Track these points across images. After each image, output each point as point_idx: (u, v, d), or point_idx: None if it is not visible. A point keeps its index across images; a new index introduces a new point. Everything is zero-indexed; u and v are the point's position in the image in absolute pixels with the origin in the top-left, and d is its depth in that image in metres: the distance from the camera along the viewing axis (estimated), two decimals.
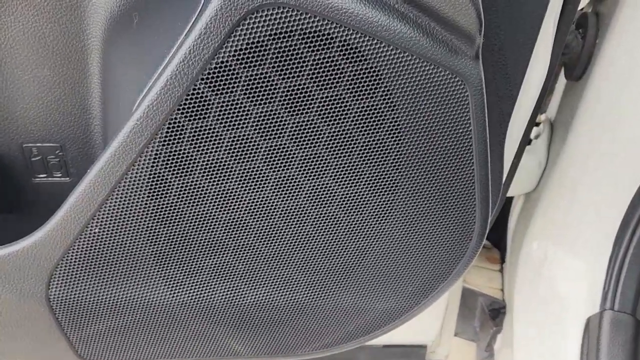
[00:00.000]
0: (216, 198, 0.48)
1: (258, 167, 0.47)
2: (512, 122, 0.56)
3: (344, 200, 0.50)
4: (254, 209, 0.50)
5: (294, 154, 0.47)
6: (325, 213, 0.51)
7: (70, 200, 0.48)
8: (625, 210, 0.69)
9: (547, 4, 0.50)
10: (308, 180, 0.48)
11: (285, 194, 0.49)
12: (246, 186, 0.48)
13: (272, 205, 0.50)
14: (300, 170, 0.48)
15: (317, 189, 0.49)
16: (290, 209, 0.50)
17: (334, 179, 0.49)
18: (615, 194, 0.71)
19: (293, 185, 0.49)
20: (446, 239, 0.54)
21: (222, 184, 0.48)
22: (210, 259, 0.53)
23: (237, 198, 0.49)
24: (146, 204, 0.48)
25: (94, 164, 0.46)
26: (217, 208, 0.49)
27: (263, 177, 0.48)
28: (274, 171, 0.47)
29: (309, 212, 0.51)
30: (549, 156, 0.87)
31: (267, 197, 0.49)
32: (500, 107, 0.54)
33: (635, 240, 0.69)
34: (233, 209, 0.49)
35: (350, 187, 0.49)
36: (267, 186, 0.48)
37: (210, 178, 0.47)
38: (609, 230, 0.71)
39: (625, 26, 0.67)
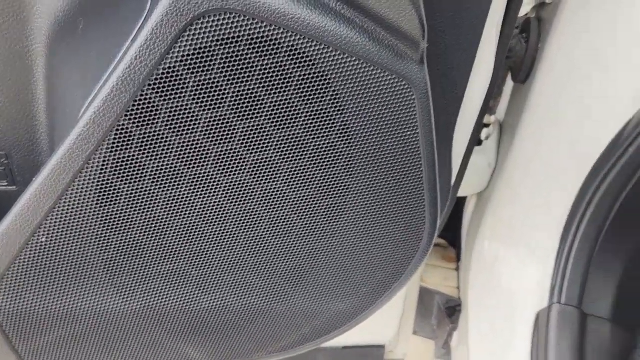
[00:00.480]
0: (167, 204, 0.48)
1: (209, 172, 0.47)
2: (458, 124, 0.57)
3: (295, 204, 0.51)
4: (206, 214, 0.50)
5: (245, 158, 0.47)
6: (278, 216, 0.51)
7: (15, 209, 0.46)
8: (569, 209, 0.72)
9: (488, 10, 0.52)
10: (259, 184, 0.49)
11: (237, 198, 0.49)
12: (197, 191, 0.48)
13: (223, 210, 0.50)
14: (251, 175, 0.48)
15: (268, 192, 0.49)
16: (242, 214, 0.50)
17: (285, 183, 0.49)
18: (556, 195, 0.73)
19: (244, 190, 0.49)
20: (397, 239, 0.55)
21: (172, 190, 0.47)
22: (162, 265, 0.52)
23: (189, 204, 0.49)
24: (95, 211, 0.47)
25: (39, 172, 0.45)
26: (168, 214, 0.49)
27: (214, 182, 0.48)
28: (224, 176, 0.48)
29: (261, 216, 0.51)
30: (498, 157, 0.89)
31: (219, 202, 0.49)
32: (446, 110, 0.55)
33: (580, 235, 0.72)
34: (184, 214, 0.49)
35: (302, 190, 0.50)
36: (219, 191, 0.48)
37: (161, 184, 0.47)
38: (552, 230, 0.73)
39: (565, 30, 0.70)
